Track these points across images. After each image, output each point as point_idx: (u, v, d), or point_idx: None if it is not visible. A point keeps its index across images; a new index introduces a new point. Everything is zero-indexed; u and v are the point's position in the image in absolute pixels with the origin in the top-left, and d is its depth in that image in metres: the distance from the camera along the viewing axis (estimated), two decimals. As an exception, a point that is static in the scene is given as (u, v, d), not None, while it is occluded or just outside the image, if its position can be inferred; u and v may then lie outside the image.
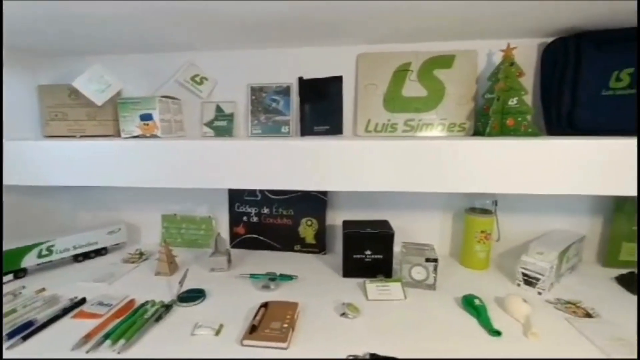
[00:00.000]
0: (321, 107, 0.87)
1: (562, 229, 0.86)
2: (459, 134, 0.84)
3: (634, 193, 0.60)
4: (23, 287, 0.74)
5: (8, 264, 0.77)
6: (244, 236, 0.97)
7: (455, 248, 0.91)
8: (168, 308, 0.64)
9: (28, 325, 0.58)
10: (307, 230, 0.93)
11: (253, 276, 0.77)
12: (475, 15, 0.67)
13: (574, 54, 0.71)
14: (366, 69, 0.85)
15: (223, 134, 0.91)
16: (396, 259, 0.78)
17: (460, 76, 0.83)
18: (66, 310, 0.64)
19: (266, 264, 0.87)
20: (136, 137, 0.82)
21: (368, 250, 0.78)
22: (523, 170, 0.62)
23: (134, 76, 0.95)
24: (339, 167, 0.65)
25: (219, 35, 0.77)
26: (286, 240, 0.95)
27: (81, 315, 0.63)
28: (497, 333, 0.57)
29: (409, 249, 0.77)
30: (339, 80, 0.85)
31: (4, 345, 0.54)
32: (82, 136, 0.90)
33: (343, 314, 0.63)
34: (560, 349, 0.54)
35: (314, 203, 0.92)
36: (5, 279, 0.76)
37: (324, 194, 0.92)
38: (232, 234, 0.98)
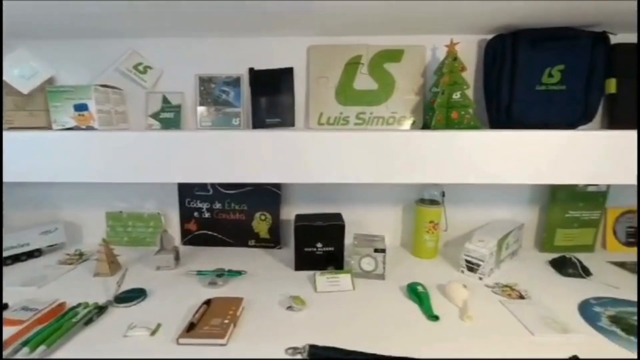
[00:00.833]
0: (273, 99, 0.85)
1: (504, 218, 0.90)
2: (409, 127, 0.86)
3: (568, 182, 0.65)
4: None
5: None
6: (195, 233, 0.94)
7: (406, 239, 0.94)
8: (102, 310, 0.60)
9: None
10: (261, 225, 0.91)
11: (200, 273, 0.74)
12: (418, 13, 0.68)
13: (511, 51, 0.75)
14: (317, 61, 0.85)
15: (170, 126, 0.87)
16: (349, 251, 0.79)
17: (410, 70, 0.85)
18: (-17, 318, 0.58)
19: (218, 261, 0.84)
20: (71, 129, 0.76)
21: (319, 243, 0.78)
22: (467, 161, 0.64)
23: (72, 64, 0.88)
24: (292, 159, 0.63)
25: (163, 22, 0.73)
26: (240, 235, 0.92)
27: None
28: (436, 318, 0.59)
29: (360, 240, 0.78)
30: (290, 72, 0.84)
31: None
32: (11, 128, 0.82)
33: (289, 307, 0.62)
34: (491, 329, 0.57)
35: (268, 197, 0.90)
36: None
37: (278, 187, 0.90)
38: (183, 230, 0.94)
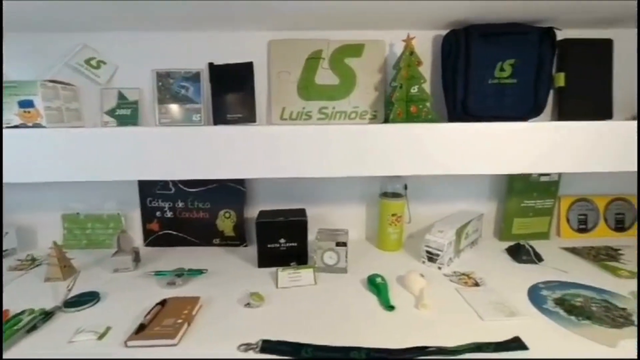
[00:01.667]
0: (234, 95, 0.84)
1: (465, 209, 0.93)
2: (371, 121, 0.86)
3: (522, 171, 0.67)
4: None
5: None
6: (158, 233, 0.91)
7: (372, 232, 0.95)
8: (48, 315, 0.58)
9: None
10: (226, 222, 0.90)
11: (158, 274, 0.72)
12: (375, 9, 0.69)
13: (464, 46, 0.77)
14: (278, 55, 0.84)
15: (127, 123, 0.84)
16: (314, 247, 0.79)
17: (370, 65, 0.85)
18: None
19: (181, 261, 0.82)
20: (16, 127, 0.72)
21: (282, 238, 0.77)
22: (425, 154, 0.66)
23: (20, 59, 0.83)
24: (255, 155, 0.63)
25: (117, 15, 0.71)
26: (204, 234, 0.91)
27: None
28: (391, 308, 0.60)
29: (322, 235, 0.78)
30: (250, 66, 0.83)
31: None
32: (-50, 127, 0.77)
33: (247, 304, 0.62)
34: (444, 316, 0.58)
35: (232, 195, 0.89)
36: None
37: (242, 185, 0.89)
38: (146, 231, 0.92)
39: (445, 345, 0.50)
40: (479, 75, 0.77)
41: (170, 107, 0.84)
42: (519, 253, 0.79)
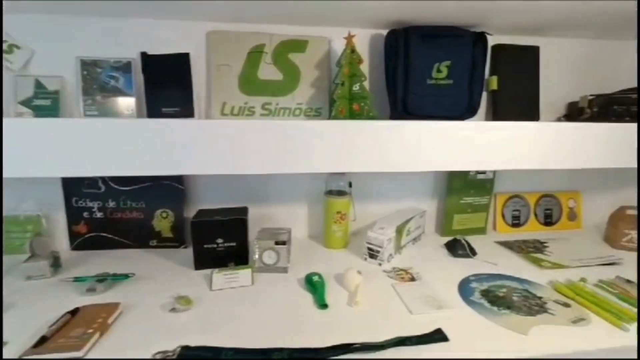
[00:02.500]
0: (170, 87, 0.79)
1: (409, 207, 0.95)
2: (315, 118, 0.86)
3: (458, 169, 0.69)
4: None
5: None
6: (86, 235, 0.84)
7: (318, 230, 0.94)
8: None
9: None
10: (163, 223, 0.85)
11: (77, 279, 0.66)
12: (315, 6, 0.68)
13: (403, 46, 0.79)
14: (218, 48, 0.80)
15: (47, 114, 0.76)
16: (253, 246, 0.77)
17: (314, 61, 0.85)
18: None
19: (111, 265, 0.75)
20: None
21: (219, 238, 0.74)
22: (366, 151, 0.66)
23: None
24: (195, 149, 0.59)
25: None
26: (139, 236, 0.84)
27: None
28: (325, 306, 0.59)
29: (263, 234, 0.76)
30: (186, 58, 0.78)
31: None
32: None
33: (172, 309, 0.58)
34: (375, 311, 0.58)
35: (169, 193, 0.84)
36: None
37: (181, 182, 0.84)
38: (72, 233, 0.84)
39: (371, 340, 0.50)
40: (418, 75, 0.79)
41: (98, 99, 0.78)
42: (455, 248, 0.83)
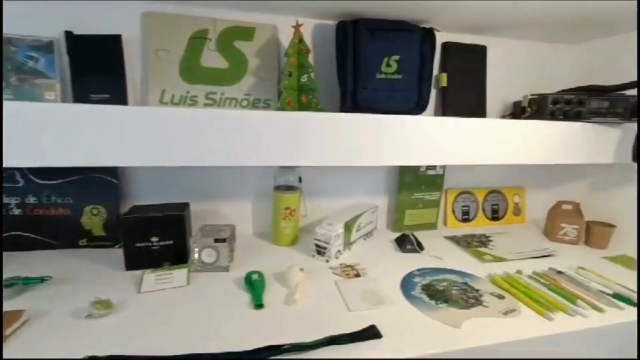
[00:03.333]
0: (99, 72, 0.72)
1: (361, 202, 0.95)
2: (264, 109, 0.82)
3: (411, 164, 0.69)
4: None
5: None
6: (3, 235, 0.75)
7: (267, 227, 0.91)
8: None
9: None
10: (94, 220, 0.77)
11: (-20, 285, 0.58)
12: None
13: (352, 38, 0.77)
14: (155, 31, 0.74)
15: (-52, 97, 0.67)
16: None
17: (263, 51, 0.81)
18: None
19: (29, 268, 0.68)
20: None
21: (154, 236, 0.69)
22: (319, 144, 0.64)
23: None
24: (128, 139, 0.54)
25: None
26: (66, 235, 0.77)
27: None
28: (260, 306, 0.56)
29: (203, 231, 0.71)
30: (117, 40, 0.72)
31: None
32: None
33: (88, 316, 0.52)
34: (313, 310, 0.56)
35: (101, 188, 0.77)
36: None
37: (114, 175, 0.78)
38: (-15, 233, 0.74)
39: (304, 340, 0.48)
40: (367, 69, 0.78)
41: (13, 81, 0.69)
42: (404, 243, 0.83)
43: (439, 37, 0.89)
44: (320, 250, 0.76)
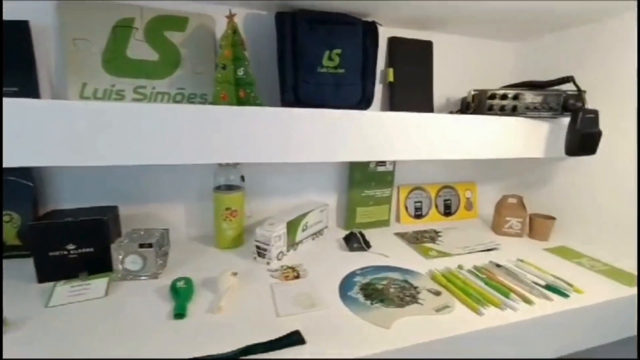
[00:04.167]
0: (4, 62, 0.65)
1: (311, 201, 0.92)
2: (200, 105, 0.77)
3: (352, 159, 0.67)
4: None
5: None
6: None
7: (211, 230, 0.86)
8: None
9: None
10: (6, 228, 0.70)
11: None
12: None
13: (291, 30, 0.74)
14: (72, 18, 0.68)
15: None
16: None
17: (198, 42, 0.76)
18: None
19: None
20: None
21: (71, 244, 0.62)
22: (260, 140, 0.60)
23: None
24: (42, 137, 0.48)
25: None
26: (-28, 245, 0.69)
27: None
28: (180, 316, 0.52)
29: (129, 236, 0.66)
30: (24, 26, 0.65)
31: None
32: None
33: (-26, 336, 0.46)
34: (239, 317, 0.53)
35: (14, 191, 0.69)
36: None
37: (29, 177, 0.70)
38: None
39: (221, 351, 0.44)
40: (308, 62, 0.75)
41: None
42: (351, 241, 0.81)
43: (384, 32, 0.89)
44: (260, 252, 0.73)
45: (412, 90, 0.92)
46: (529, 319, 0.53)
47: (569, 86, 0.73)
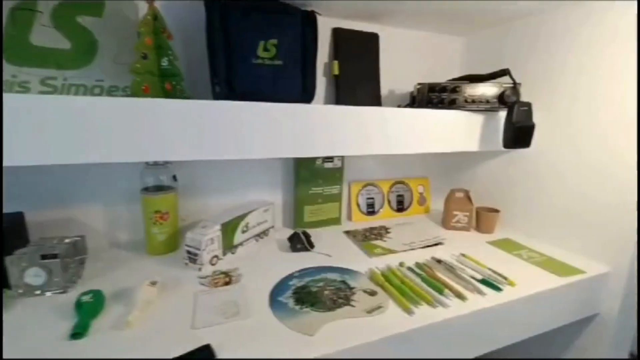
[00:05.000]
0: None
1: (254, 200, 0.87)
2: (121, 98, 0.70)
3: (294, 155, 0.63)
4: None
5: None
6: None
7: (140, 235, 0.79)
8: None
9: None
10: None
11: None
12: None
13: (219, 19, 0.68)
14: (-42, -3, 0.59)
15: None
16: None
17: (118, 30, 0.69)
18: None
19: None
20: None
21: (-43, 258, 0.54)
22: (190, 136, 0.55)
23: None
24: None
25: None
26: None
27: None
28: (77, 335, 0.46)
29: (32, 246, 0.58)
30: None
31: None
32: None
33: None
34: (150, 330, 0.47)
35: None
36: None
37: None
38: None
39: (116, 375, 0.39)
40: (241, 53, 0.70)
41: None
42: (294, 241, 0.77)
43: (329, 23, 0.86)
44: (191, 258, 0.67)
45: (359, 83, 0.89)
46: (454, 316, 0.52)
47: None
